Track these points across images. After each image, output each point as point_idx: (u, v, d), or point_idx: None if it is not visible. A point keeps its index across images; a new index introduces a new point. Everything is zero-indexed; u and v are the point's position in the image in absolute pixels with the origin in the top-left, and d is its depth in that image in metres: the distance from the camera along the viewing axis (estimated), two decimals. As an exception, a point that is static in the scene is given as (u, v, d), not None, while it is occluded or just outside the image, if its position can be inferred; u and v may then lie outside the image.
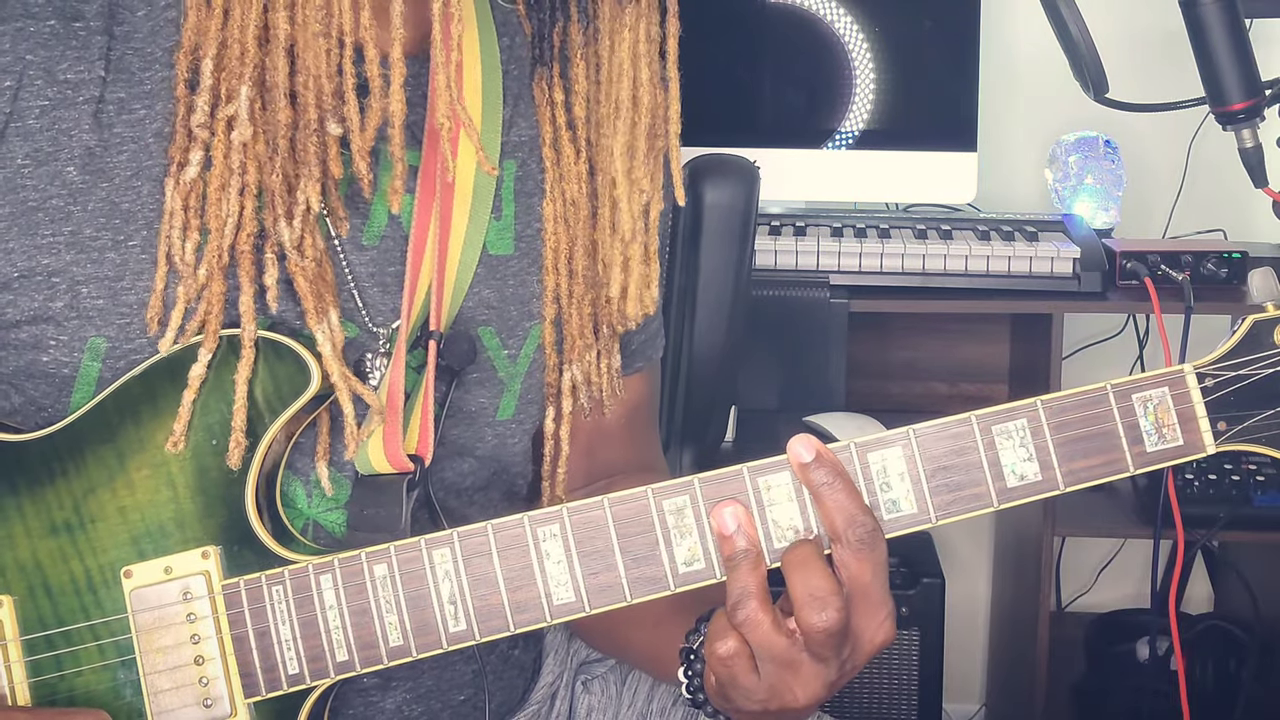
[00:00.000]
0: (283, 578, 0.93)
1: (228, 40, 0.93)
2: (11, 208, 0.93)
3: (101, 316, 0.95)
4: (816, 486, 0.89)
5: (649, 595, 0.91)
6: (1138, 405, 0.90)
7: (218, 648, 0.93)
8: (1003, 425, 0.90)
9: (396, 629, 0.92)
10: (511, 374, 1.08)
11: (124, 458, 0.95)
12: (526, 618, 0.92)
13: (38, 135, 0.93)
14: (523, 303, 1.08)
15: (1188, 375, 0.91)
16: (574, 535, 0.91)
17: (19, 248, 0.93)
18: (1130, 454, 0.90)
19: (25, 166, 0.93)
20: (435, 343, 1.00)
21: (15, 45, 0.92)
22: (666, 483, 0.91)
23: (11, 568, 0.95)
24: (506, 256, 1.07)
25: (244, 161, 0.93)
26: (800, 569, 0.88)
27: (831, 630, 0.87)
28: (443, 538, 0.92)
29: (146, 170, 0.95)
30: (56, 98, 0.93)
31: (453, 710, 1.09)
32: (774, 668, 0.89)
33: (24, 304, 0.94)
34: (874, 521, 0.89)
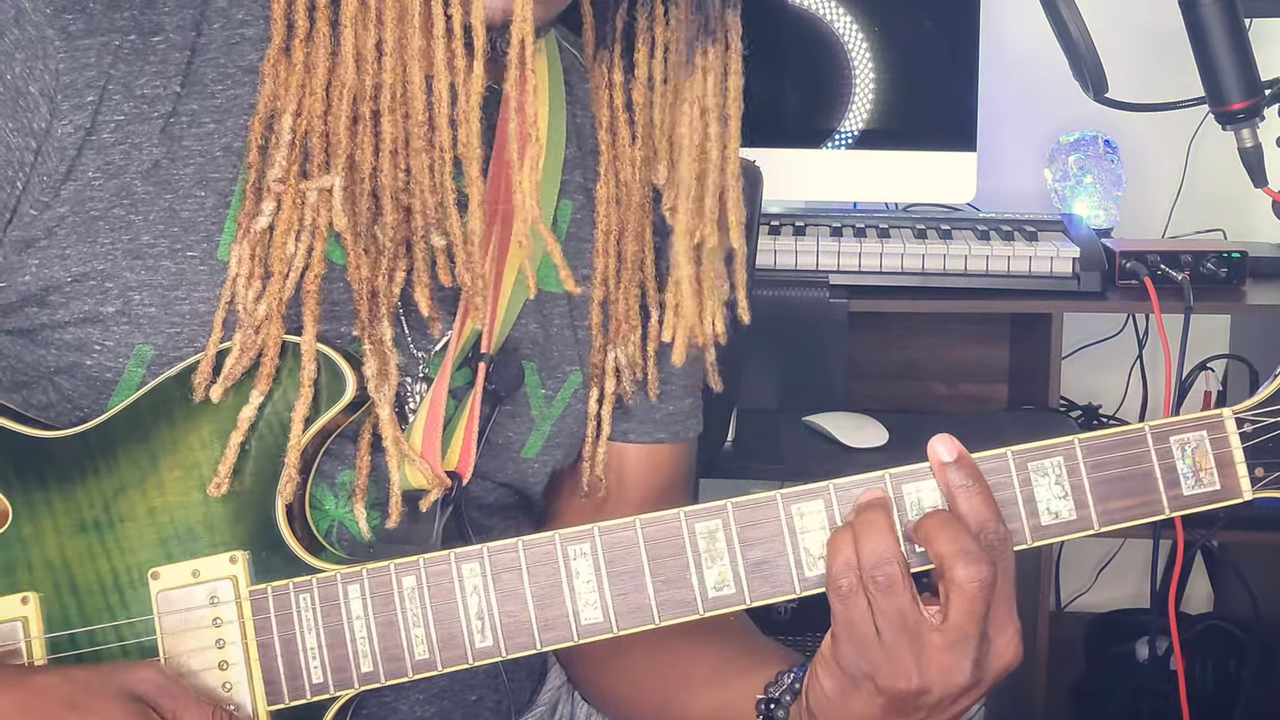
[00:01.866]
0: (310, 586, 0.93)
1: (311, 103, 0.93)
2: (76, 217, 0.93)
3: (152, 324, 0.95)
4: (955, 487, 0.88)
5: (678, 618, 0.91)
6: (1175, 448, 0.90)
7: (242, 653, 0.93)
8: (1039, 462, 0.90)
9: (423, 642, 0.92)
10: (544, 415, 1.08)
11: (156, 458, 0.94)
12: (553, 636, 0.91)
13: (110, 149, 0.93)
14: (566, 345, 1.08)
15: (1227, 420, 0.91)
16: (604, 555, 0.91)
17: (75, 254, 0.94)
18: (1166, 496, 0.90)
19: (96, 179, 0.93)
20: (485, 365, 1.00)
21: (100, 59, 0.92)
22: (699, 506, 0.91)
23: (39, 564, 0.94)
24: (555, 294, 1.07)
25: (317, 205, 0.93)
26: (944, 530, 0.87)
27: (985, 583, 0.85)
28: (472, 552, 0.92)
29: (211, 182, 0.95)
30: (132, 112, 0.93)
31: (465, 710, 1.09)
32: (896, 633, 0.87)
33: (75, 306, 0.95)
34: (1006, 530, 0.88)
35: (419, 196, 0.94)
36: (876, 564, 0.87)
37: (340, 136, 0.93)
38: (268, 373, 0.93)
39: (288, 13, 0.94)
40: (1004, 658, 0.89)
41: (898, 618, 0.87)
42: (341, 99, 0.92)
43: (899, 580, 0.87)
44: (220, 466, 0.93)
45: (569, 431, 1.10)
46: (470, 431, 1.00)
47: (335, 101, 0.93)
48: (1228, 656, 2.39)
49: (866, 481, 0.90)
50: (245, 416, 0.93)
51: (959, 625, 0.87)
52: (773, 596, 0.91)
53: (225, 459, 0.93)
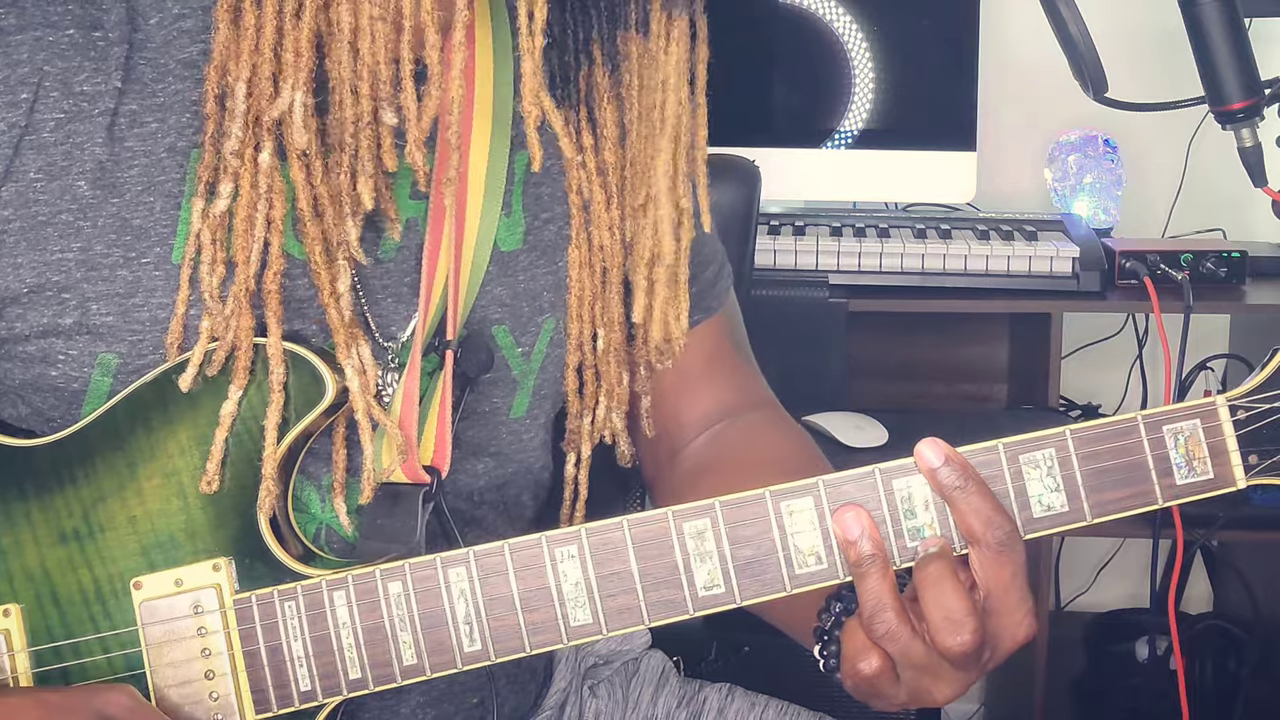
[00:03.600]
0: (295, 593, 0.92)
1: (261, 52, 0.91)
2: (22, 222, 0.91)
3: (112, 333, 0.93)
4: (949, 489, 0.87)
5: (667, 619, 0.90)
6: (1169, 437, 0.89)
7: (229, 663, 0.92)
8: (1030, 455, 0.89)
9: (411, 648, 0.91)
10: (525, 371, 1.08)
11: (135, 466, 0.93)
12: (542, 639, 0.90)
13: (51, 149, 0.91)
14: (533, 297, 1.07)
15: (1220, 408, 0.89)
16: (592, 557, 0.90)
17: (27, 263, 0.92)
18: (1159, 486, 0.89)
19: (38, 180, 0.91)
20: (452, 353, 0.99)
21: (33, 55, 0.90)
22: (686, 505, 0.90)
23: (19, 576, 0.93)
24: (516, 252, 1.06)
25: (270, 191, 0.92)
26: (934, 588, 0.86)
27: (968, 652, 0.85)
28: (459, 556, 0.91)
29: (159, 185, 0.93)
30: (72, 110, 0.91)
31: (465, 713, 1.08)
32: (914, 674, 0.88)
33: (33, 318, 0.93)
34: (1011, 522, 0.87)
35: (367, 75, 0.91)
36: (874, 613, 0.87)
37: (303, 49, 0.90)
38: (244, 365, 0.92)
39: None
40: (1016, 638, 0.89)
41: (906, 659, 0.88)
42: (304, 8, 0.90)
43: (897, 628, 0.87)
44: (208, 464, 0.92)
45: (552, 379, 1.09)
46: (443, 423, 0.98)
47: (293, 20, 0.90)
48: (1227, 656, 2.39)
49: (856, 478, 0.89)
50: (227, 412, 0.92)
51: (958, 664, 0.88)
52: (763, 595, 0.90)
53: (212, 456, 0.92)
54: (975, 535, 0.87)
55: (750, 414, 1.18)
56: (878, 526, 0.88)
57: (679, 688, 1.23)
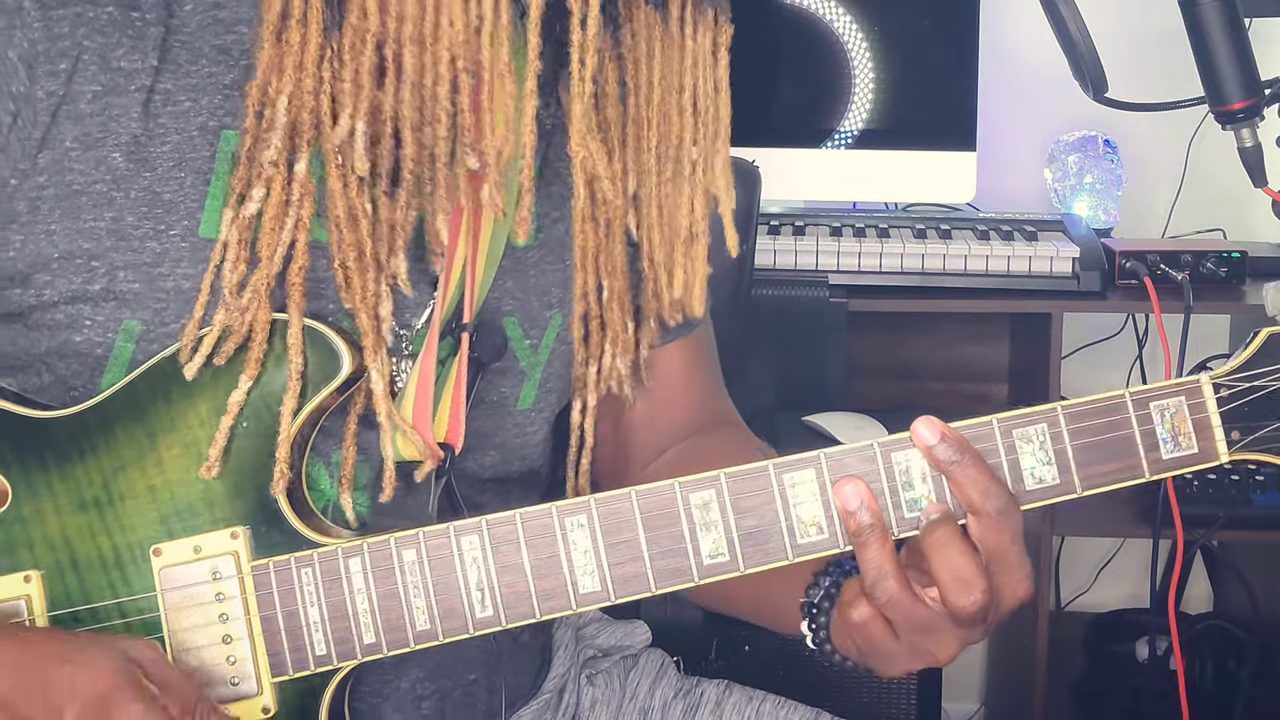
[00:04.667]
0: (312, 560, 0.94)
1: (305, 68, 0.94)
2: (57, 189, 0.94)
3: (137, 300, 0.96)
4: (946, 464, 0.90)
5: (674, 586, 0.93)
6: (1155, 413, 0.93)
7: (245, 628, 0.94)
8: (1023, 429, 0.92)
9: (424, 613, 0.94)
10: (533, 363, 1.10)
11: (154, 436, 0.95)
12: (552, 605, 0.93)
13: (88, 120, 0.94)
14: (543, 292, 1.10)
15: (1204, 385, 0.93)
16: (601, 526, 0.93)
17: (61, 230, 0.94)
18: (1146, 460, 0.93)
19: (73, 150, 0.94)
20: (468, 335, 1.02)
21: (74, 30, 0.93)
22: (693, 477, 0.92)
23: (40, 544, 0.95)
24: (527, 247, 1.09)
25: (303, 195, 0.95)
26: (942, 550, 0.89)
27: (978, 610, 0.89)
28: (471, 525, 0.94)
29: (189, 162, 0.96)
30: (109, 84, 0.94)
31: (464, 689, 1.10)
32: (918, 636, 0.92)
33: (61, 285, 0.95)
34: (1008, 491, 0.91)
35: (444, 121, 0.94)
36: (875, 580, 0.90)
37: (363, 82, 0.94)
38: (256, 357, 0.94)
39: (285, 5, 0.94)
40: (1015, 596, 0.92)
41: (909, 622, 0.91)
42: (364, 44, 0.93)
43: (899, 594, 0.90)
44: (210, 450, 0.94)
45: (558, 374, 1.12)
46: (458, 402, 1.01)
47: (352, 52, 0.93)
48: (1227, 656, 2.39)
49: (856, 451, 0.92)
50: (235, 400, 0.94)
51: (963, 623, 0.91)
52: (766, 563, 0.93)
53: (215, 442, 0.94)
54: (975, 505, 0.90)
55: (719, 433, 1.20)
56: (876, 498, 0.91)
57: (676, 681, 1.25)
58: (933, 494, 0.92)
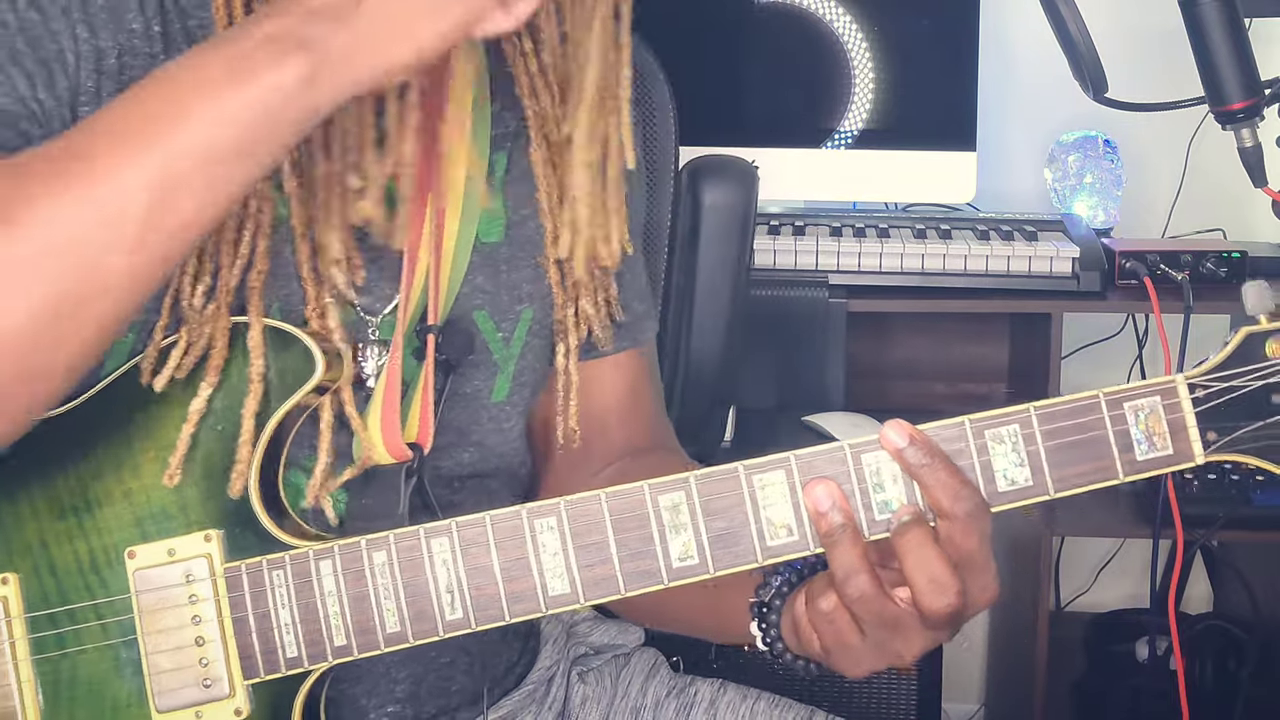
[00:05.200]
0: (284, 562, 0.95)
1: None
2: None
3: None
4: (915, 468, 0.90)
5: (643, 589, 0.93)
6: (1129, 414, 0.91)
7: (218, 630, 0.95)
8: (995, 430, 0.91)
9: (394, 615, 0.94)
10: (505, 356, 1.11)
11: (131, 442, 0.96)
12: (522, 608, 0.93)
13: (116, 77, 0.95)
14: (513, 287, 1.10)
15: (1179, 385, 0.91)
16: (570, 528, 0.93)
17: None
18: (1120, 461, 0.91)
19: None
20: (434, 336, 1.02)
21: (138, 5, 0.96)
22: (662, 479, 0.92)
23: (17, 547, 0.96)
24: (497, 244, 1.10)
25: (259, 203, 0.96)
26: (916, 552, 0.89)
27: (954, 612, 0.89)
28: (441, 527, 0.94)
29: None
30: (124, 44, 0.96)
31: (438, 673, 1.11)
32: (886, 634, 0.91)
33: None
34: (978, 493, 0.90)
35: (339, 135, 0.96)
36: (846, 577, 0.90)
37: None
38: (216, 364, 0.95)
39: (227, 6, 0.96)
40: (980, 602, 0.92)
41: (877, 620, 0.90)
42: None
43: (870, 590, 0.89)
44: (171, 458, 0.95)
45: (530, 368, 1.13)
46: (426, 402, 1.02)
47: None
48: (1227, 656, 2.39)
49: (826, 452, 0.91)
50: (195, 409, 0.95)
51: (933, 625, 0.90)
52: (735, 565, 0.92)
53: (176, 451, 0.95)
54: (944, 509, 0.89)
55: (658, 454, 1.20)
56: (848, 499, 0.91)
57: (669, 679, 1.25)
58: (904, 495, 0.91)
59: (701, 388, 1.79)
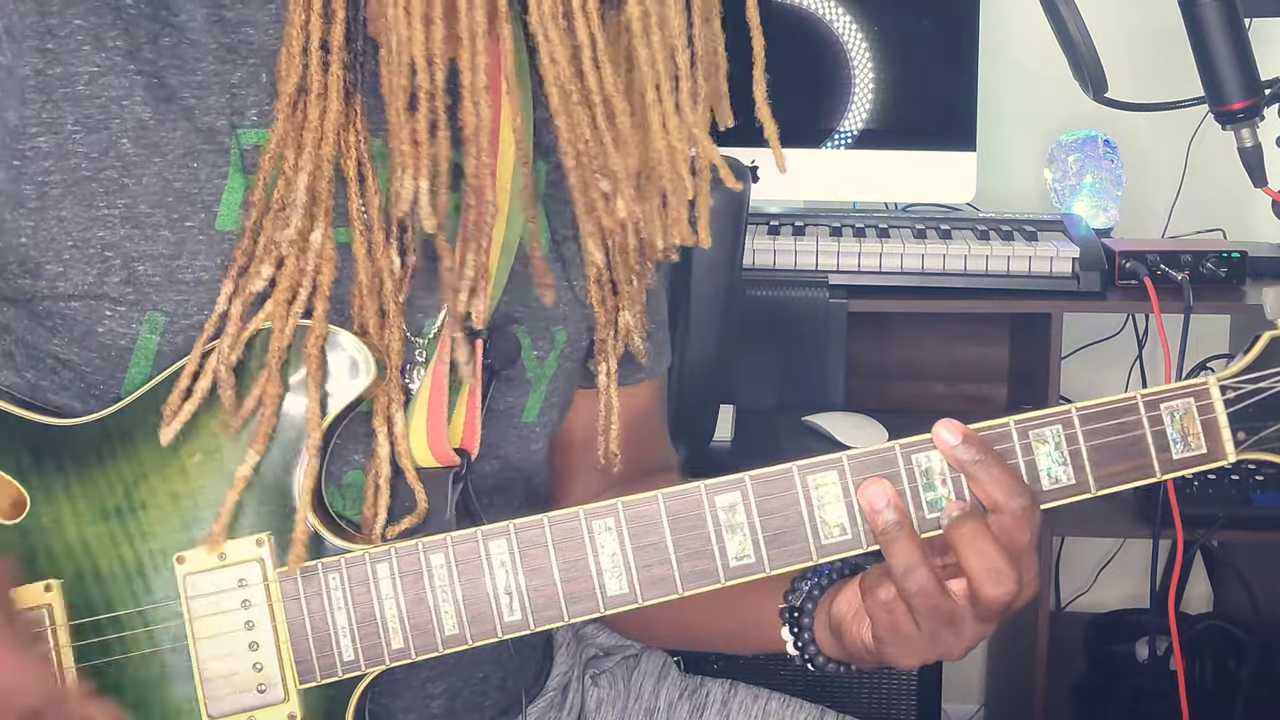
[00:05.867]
0: (339, 566, 0.94)
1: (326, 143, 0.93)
2: (63, 174, 0.93)
3: (158, 291, 0.95)
4: (969, 464, 0.92)
5: (700, 588, 0.94)
6: (1165, 415, 0.96)
7: (271, 635, 0.94)
8: (1039, 430, 0.95)
9: (452, 617, 0.94)
10: (539, 376, 1.09)
11: (176, 444, 0.95)
12: (581, 608, 0.94)
13: (87, 101, 0.93)
14: (552, 306, 1.08)
15: (1212, 387, 0.96)
16: (628, 529, 0.94)
17: (73, 217, 0.94)
18: (1158, 460, 0.95)
19: (76, 132, 0.93)
20: (481, 341, 1.01)
21: (64, 9, 0.93)
22: (719, 479, 0.94)
23: (60, 552, 0.95)
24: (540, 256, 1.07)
25: (319, 263, 0.94)
26: (973, 543, 0.91)
27: (1010, 600, 0.91)
28: (499, 529, 0.94)
29: (202, 154, 0.95)
30: (105, 64, 0.93)
31: (473, 687, 1.10)
32: (939, 628, 0.93)
33: (76, 278, 0.94)
34: (1030, 489, 0.93)
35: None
36: (905, 572, 0.91)
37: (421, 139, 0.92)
38: (265, 431, 0.93)
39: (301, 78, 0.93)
40: (1028, 594, 0.94)
41: (934, 613, 0.92)
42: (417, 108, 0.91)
43: (930, 584, 0.91)
44: (215, 525, 0.94)
45: (561, 390, 1.12)
46: (473, 407, 1.01)
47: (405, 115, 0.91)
48: (1227, 656, 2.39)
49: (877, 452, 0.94)
50: (242, 475, 0.94)
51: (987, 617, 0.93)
52: (791, 564, 0.94)
53: (220, 519, 0.94)
54: (998, 504, 0.92)
55: (665, 476, 1.20)
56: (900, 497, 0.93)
57: (680, 681, 1.25)
58: (953, 494, 0.94)
59: (695, 385, 1.79)
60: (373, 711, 1.01)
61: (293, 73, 0.93)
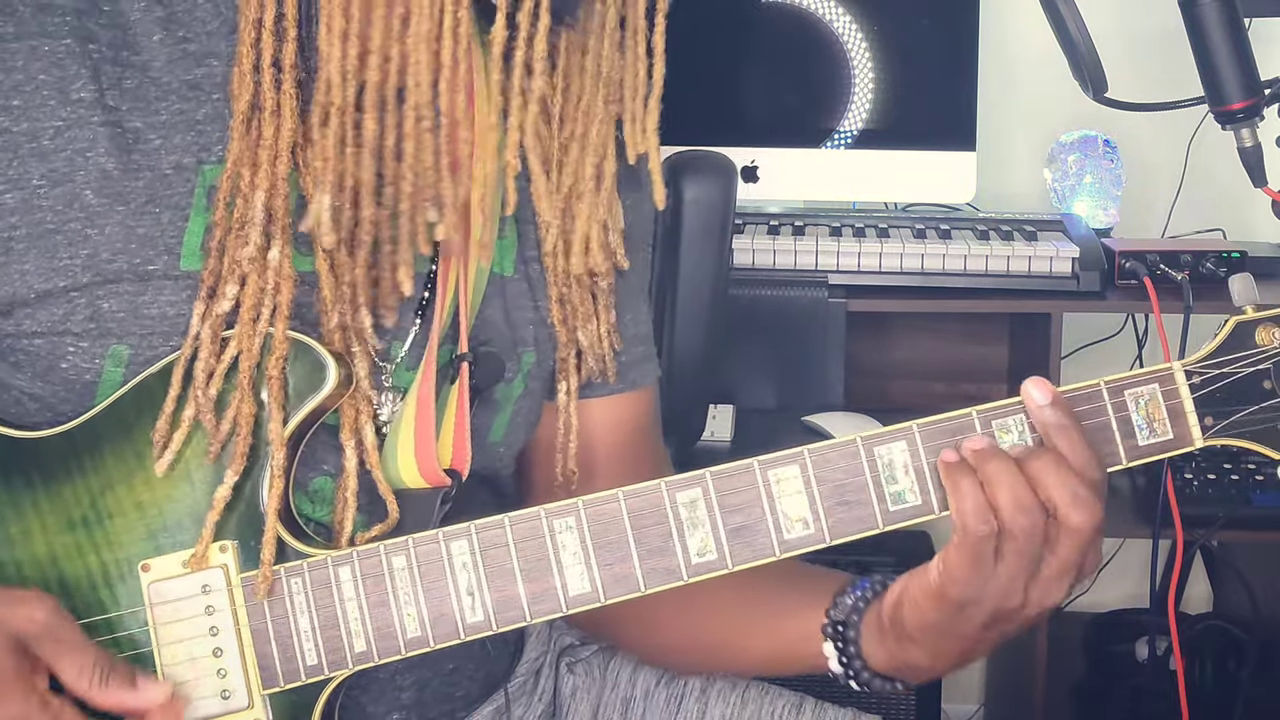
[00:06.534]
0: (302, 570, 0.94)
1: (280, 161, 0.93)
2: (29, 229, 0.93)
3: (121, 327, 0.95)
4: (1052, 427, 0.92)
5: (663, 585, 0.93)
6: (1130, 401, 0.94)
7: (236, 640, 0.94)
8: (1002, 420, 0.93)
9: (415, 620, 0.94)
10: (506, 396, 1.09)
11: (142, 454, 0.95)
12: (543, 608, 0.94)
13: (53, 155, 0.93)
14: (519, 326, 1.09)
15: (1176, 372, 0.95)
16: (589, 528, 0.93)
17: (35, 269, 0.93)
18: (1123, 447, 0.94)
19: (41, 187, 0.93)
20: (467, 364, 1.01)
21: (28, 64, 0.92)
22: (679, 476, 0.93)
23: (27, 563, 0.95)
24: (509, 277, 1.08)
25: (278, 282, 0.94)
26: (1054, 472, 0.90)
27: (1098, 527, 0.90)
28: (460, 530, 0.94)
29: (164, 199, 0.95)
30: (70, 117, 0.93)
31: (442, 679, 1.10)
32: (1019, 567, 0.91)
33: (42, 317, 0.94)
34: (1103, 466, 0.92)
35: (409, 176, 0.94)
36: (1019, 510, 0.90)
37: (329, 154, 0.93)
38: (242, 451, 0.94)
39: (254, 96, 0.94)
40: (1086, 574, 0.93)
41: (1026, 557, 0.91)
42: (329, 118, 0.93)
43: (1041, 527, 0.90)
44: (198, 546, 0.94)
45: (527, 410, 1.12)
46: (461, 428, 1.01)
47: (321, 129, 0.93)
48: (1227, 656, 2.39)
49: (839, 445, 0.93)
50: (220, 496, 0.94)
51: (1065, 560, 0.91)
52: (754, 560, 0.94)
53: (203, 539, 0.94)
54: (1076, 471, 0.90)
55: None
56: (860, 491, 0.92)
57: (658, 669, 1.24)
58: (916, 487, 0.93)
59: (684, 383, 1.79)
60: (342, 704, 1.01)
61: (244, 91, 0.93)
